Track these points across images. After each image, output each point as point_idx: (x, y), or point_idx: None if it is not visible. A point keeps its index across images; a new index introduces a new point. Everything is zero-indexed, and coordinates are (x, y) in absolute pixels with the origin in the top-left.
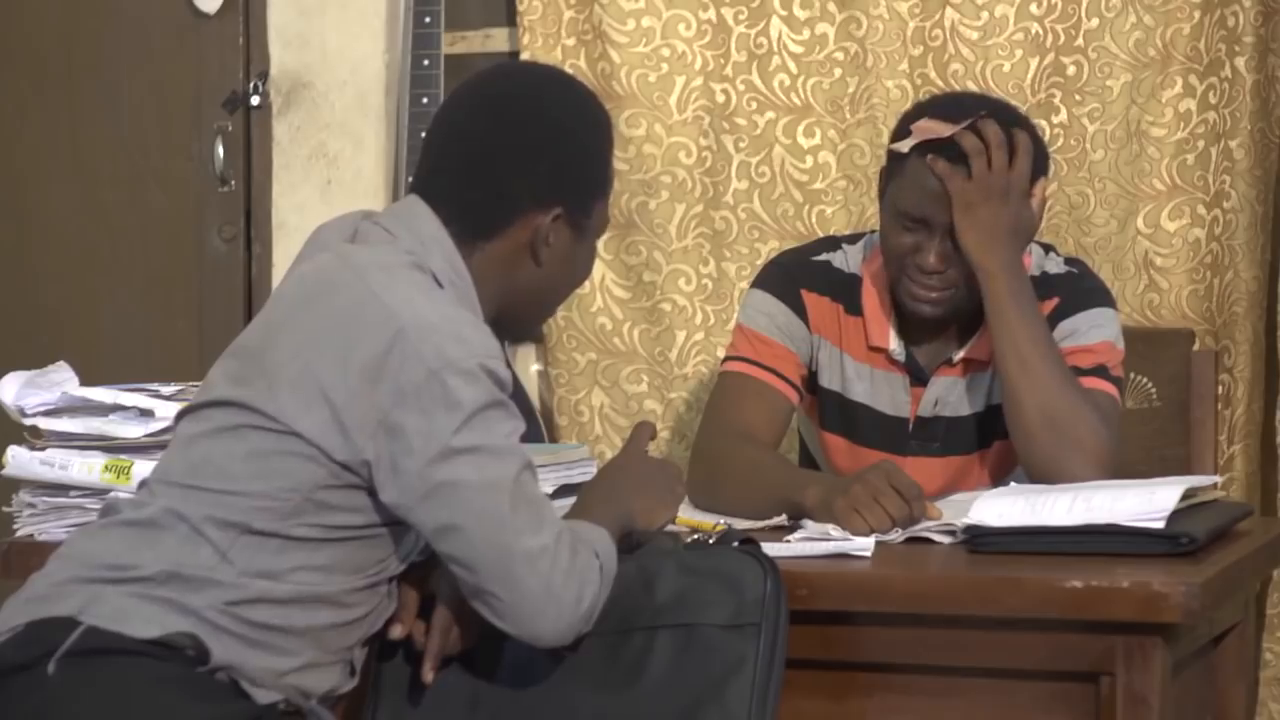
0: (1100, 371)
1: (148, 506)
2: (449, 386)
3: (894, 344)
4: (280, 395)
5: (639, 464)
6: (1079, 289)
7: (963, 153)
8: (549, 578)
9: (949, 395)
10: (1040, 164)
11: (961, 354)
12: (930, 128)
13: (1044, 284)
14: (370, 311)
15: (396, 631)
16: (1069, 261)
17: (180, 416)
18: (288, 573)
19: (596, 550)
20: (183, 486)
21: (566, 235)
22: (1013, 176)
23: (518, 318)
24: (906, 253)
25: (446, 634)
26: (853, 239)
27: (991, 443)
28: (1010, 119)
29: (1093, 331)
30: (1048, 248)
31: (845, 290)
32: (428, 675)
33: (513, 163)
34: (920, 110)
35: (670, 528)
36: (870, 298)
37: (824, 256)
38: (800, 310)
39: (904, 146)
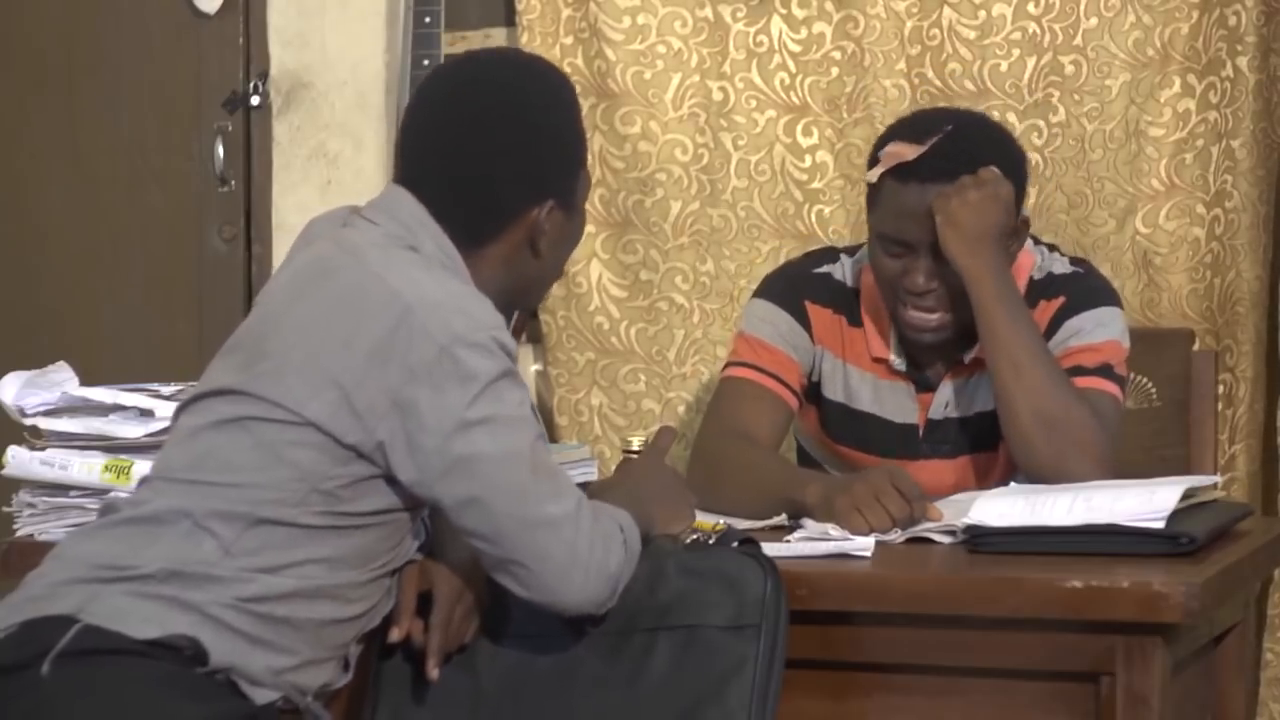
0: (1104, 371)
1: (149, 504)
2: (460, 360)
3: (894, 356)
4: (286, 381)
5: (660, 472)
6: (1084, 288)
7: (934, 170)
8: (573, 543)
9: (958, 397)
10: (1017, 169)
11: (972, 354)
12: (898, 152)
13: (1049, 284)
14: (373, 292)
15: (395, 634)
16: (1074, 261)
17: (180, 410)
18: (291, 566)
19: (620, 524)
20: (186, 482)
21: (560, 218)
22: (990, 179)
23: (521, 301)
24: (896, 276)
25: (446, 631)
26: (851, 250)
27: (1001, 439)
28: (977, 129)
29: (1098, 330)
30: (1051, 247)
31: (846, 302)
32: (432, 672)
33: (498, 173)
34: (889, 135)
35: None
36: (868, 311)
37: (825, 269)
38: (804, 320)
39: (873, 176)
